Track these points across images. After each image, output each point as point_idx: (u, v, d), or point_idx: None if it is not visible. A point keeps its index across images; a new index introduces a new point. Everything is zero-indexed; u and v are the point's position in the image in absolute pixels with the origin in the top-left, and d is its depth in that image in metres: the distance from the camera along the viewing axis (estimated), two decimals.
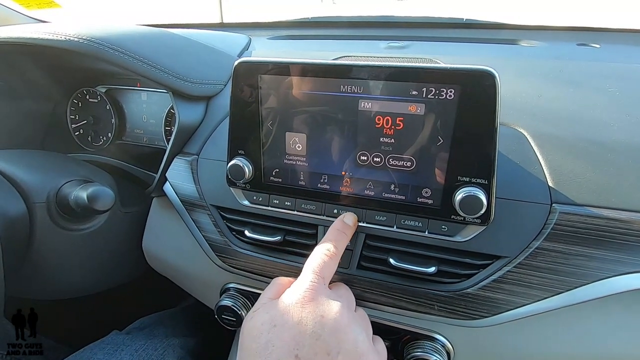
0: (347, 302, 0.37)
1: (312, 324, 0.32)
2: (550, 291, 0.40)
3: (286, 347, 0.31)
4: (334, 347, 0.32)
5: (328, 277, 0.38)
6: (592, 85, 0.54)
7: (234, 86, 0.44)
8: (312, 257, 0.39)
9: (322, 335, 0.32)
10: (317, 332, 0.32)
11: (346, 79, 0.40)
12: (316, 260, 0.38)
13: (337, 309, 0.34)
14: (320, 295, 0.35)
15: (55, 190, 0.53)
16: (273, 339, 0.32)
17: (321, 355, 0.31)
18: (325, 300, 0.34)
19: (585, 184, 0.41)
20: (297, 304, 0.34)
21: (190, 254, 0.57)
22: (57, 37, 0.51)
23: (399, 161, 0.41)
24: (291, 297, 0.35)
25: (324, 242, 0.40)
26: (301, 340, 0.31)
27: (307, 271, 0.37)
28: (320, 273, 0.37)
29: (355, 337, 0.33)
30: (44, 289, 0.59)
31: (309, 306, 0.33)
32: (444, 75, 0.36)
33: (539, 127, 0.46)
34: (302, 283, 0.36)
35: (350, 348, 0.32)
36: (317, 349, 0.31)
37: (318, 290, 0.35)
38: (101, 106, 0.76)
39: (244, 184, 0.47)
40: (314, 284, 0.35)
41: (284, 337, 0.32)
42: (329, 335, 0.32)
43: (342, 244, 0.41)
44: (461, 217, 0.39)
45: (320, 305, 0.34)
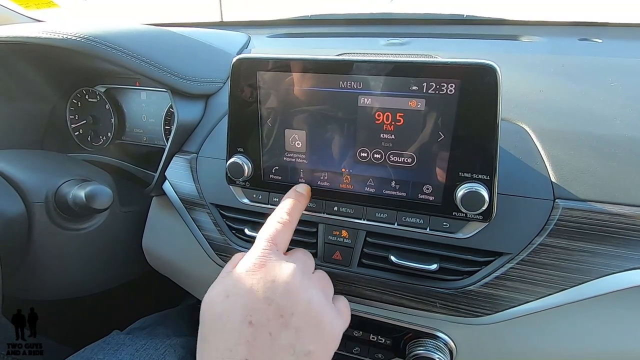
0: (302, 265, 0.36)
1: (264, 290, 0.32)
2: (554, 288, 0.40)
3: (239, 315, 0.31)
4: (287, 309, 0.32)
5: (281, 244, 0.37)
6: (595, 79, 0.53)
7: (233, 83, 0.44)
8: (265, 226, 0.38)
9: (274, 299, 0.32)
10: (269, 296, 0.32)
11: (345, 74, 0.39)
12: (268, 228, 0.38)
13: (289, 272, 0.34)
14: (272, 261, 0.35)
15: (54, 189, 0.53)
16: (227, 309, 0.32)
17: (275, 318, 0.31)
18: (277, 265, 0.34)
19: (588, 179, 0.40)
20: (248, 272, 0.34)
21: (190, 253, 0.56)
22: (55, 35, 0.50)
23: (400, 157, 0.40)
24: (243, 266, 0.35)
25: (276, 211, 0.40)
26: (254, 306, 0.32)
27: (259, 240, 0.37)
28: (272, 240, 0.36)
29: (309, 297, 0.34)
30: (43, 289, 0.59)
31: (260, 272, 0.34)
32: (444, 69, 0.36)
33: (541, 122, 0.46)
34: (253, 252, 0.36)
35: (304, 308, 0.33)
36: (269, 313, 0.31)
37: (269, 256, 0.35)
38: (100, 106, 0.75)
39: (244, 182, 0.47)
40: (265, 250, 0.35)
41: (237, 306, 0.32)
42: (281, 298, 0.32)
43: (296, 212, 0.40)
44: (463, 214, 0.39)
45: (271, 270, 0.34)
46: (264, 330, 0.31)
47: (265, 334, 0.31)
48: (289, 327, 0.32)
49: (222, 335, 0.31)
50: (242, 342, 0.30)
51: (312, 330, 0.33)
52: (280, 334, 0.31)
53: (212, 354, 0.30)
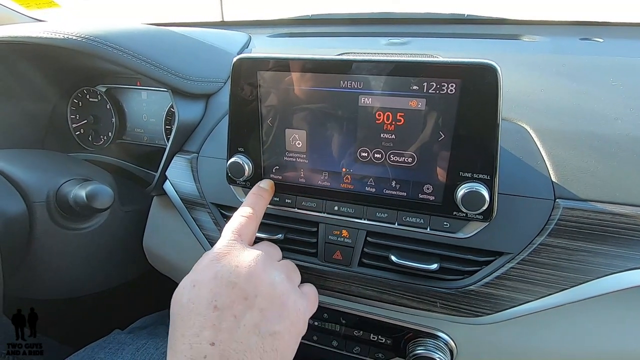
0: (266, 252, 0.37)
1: (228, 275, 0.33)
2: (554, 287, 0.39)
3: (205, 301, 0.32)
4: (251, 291, 0.33)
5: (246, 236, 0.39)
6: (595, 79, 0.53)
7: (233, 83, 0.44)
8: (231, 220, 0.40)
9: (238, 283, 0.33)
10: (232, 280, 0.33)
11: (346, 74, 0.39)
12: (234, 222, 0.39)
13: (253, 257, 0.35)
14: (236, 249, 0.36)
15: (55, 189, 0.53)
16: (192, 297, 0.32)
17: (239, 300, 0.32)
18: (241, 252, 0.36)
19: (589, 178, 0.40)
20: (212, 261, 0.35)
21: (190, 253, 0.56)
22: (56, 35, 0.50)
23: (400, 157, 0.40)
24: (208, 257, 0.35)
25: (242, 206, 0.41)
26: (218, 291, 0.32)
27: (224, 232, 0.38)
28: (237, 232, 0.38)
29: (272, 279, 0.35)
30: (45, 289, 0.59)
31: (224, 259, 0.35)
32: (444, 69, 0.36)
33: (542, 122, 0.46)
34: (219, 243, 0.37)
35: (267, 290, 0.33)
36: (233, 296, 0.32)
37: (234, 245, 0.36)
38: (101, 105, 0.75)
39: (244, 181, 0.47)
40: (230, 240, 0.37)
41: (203, 293, 0.32)
42: (244, 282, 0.33)
43: (260, 207, 0.42)
44: (463, 214, 0.39)
45: (235, 257, 0.35)
46: (228, 312, 0.31)
47: (230, 316, 0.31)
48: (254, 308, 0.32)
49: (189, 321, 0.31)
50: (208, 326, 0.30)
51: (277, 310, 0.33)
52: (245, 315, 0.32)
53: (179, 341, 0.31)
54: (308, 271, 0.48)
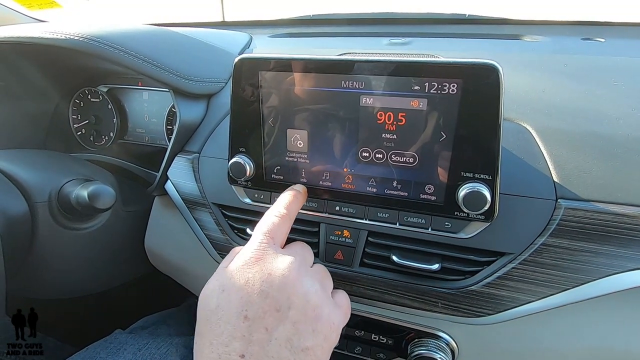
0: (299, 258, 0.35)
1: (260, 283, 0.32)
2: (556, 288, 0.39)
3: (235, 309, 0.30)
4: (284, 302, 0.31)
5: (279, 237, 0.37)
6: (597, 79, 0.53)
7: (235, 83, 0.44)
8: (262, 220, 0.38)
9: (270, 293, 0.31)
10: (264, 290, 0.31)
11: (347, 74, 0.39)
12: (266, 222, 0.37)
13: (286, 265, 0.33)
14: (269, 254, 0.34)
15: (57, 189, 0.53)
16: (222, 303, 0.31)
17: (271, 312, 0.31)
18: (274, 258, 0.34)
19: (591, 179, 0.40)
20: (244, 266, 0.33)
21: (192, 253, 0.56)
22: (58, 36, 0.50)
23: (401, 157, 0.40)
24: (239, 259, 0.34)
25: (274, 205, 0.39)
26: (249, 300, 0.31)
27: (256, 233, 0.36)
28: (269, 234, 0.36)
29: (306, 290, 0.33)
30: (46, 288, 0.59)
31: (256, 266, 0.33)
32: (446, 69, 0.36)
33: (544, 122, 0.46)
34: (250, 245, 0.35)
35: (301, 302, 0.32)
36: (265, 306, 0.31)
37: (266, 249, 0.34)
38: (103, 106, 0.75)
39: (246, 181, 0.47)
40: (262, 244, 0.35)
41: (233, 300, 0.31)
42: (277, 292, 0.31)
43: (294, 208, 0.40)
44: (465, 214, 0.39)
45: (267, 263, 0.33)
46: (260, 324, 0.30)
47: (262, 329, 0.30)
48: (286, 321, 0.31)
49: (217, 329, 0.30)
50: (238, 337, 0.29)
51: (310, 324, 0.32)
52: (277, 328, 0.30)
53: (207, 349, 0.30)
54: None
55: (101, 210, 0.54)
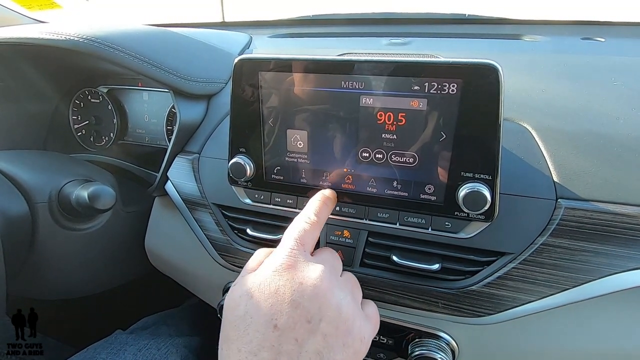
0: (330, 266, 0.34)
1: (290, 292, 0.31)
2: (556, 288, 0.39)
3: (264, 318, 0.30)
4: (315, 314, 0.30)
5: (309, 244, 0.36)
6: (597, 79, 0.53)
7: (234, 84, 0.44)
8: (292, 225, 0.37)
9: (302, 303, 0.30)
10: (295, 299, 0.30)
11: (347, 74, 0.39)
12: (296, 228, 0.36)
13: (317, 274, 0.32)
14: (299, 262, 0.33)
15: (57, 190, 0.53)
16: (250, 310, 0.30)
17: (301, 323, 0.30)
18: (305, 266, 0.33)
19: (591, 178, 0.40)
20: (274, 273, 0.32)
21: (192, 253, 0.56)
22: (58, 36, 0.51)
23: (402, 157, 0.40)
24: (269, 266, 0.33)
25: (304, 211, 0.38)
26: (279, 309, 0.30)
27: (286, 239, 0.35)
28: (300, 240, 0.35)
29: (338, 301, 0.32)
30: (47, 289, 0.59)
31: (287, 273, 0.32)
32: (446, 69, 0.36)
33: (543, 122, 0.46)
34: (280, 251, 0.34)
35: (333, 314, 0.31)
36: (296, 317, 0.30)
37: (297, 256, 0.33)
38: (103, 106, 0.75)
39: (246, 182, 0.47)
40: (293, 250, 0.34)
41: (262, 308, 0.30)
42: (308, 302, 0.30)
43: (323, 214, 0.39)
44: (465, 214, 0.39)
45: (299, 271, 0.32)
46: (290, 335, 0.29)
47: (292, 340, 0.29)
48: (317, 333, 0.30)
49: (245, 337, 0.29)
50: (267, 347, 0.29)
51: (341, 338, 0.31)
52: (308, 340, 0.29)
53: (235, 356, 0.29)
54: None
55: (101, 211, 0.54)
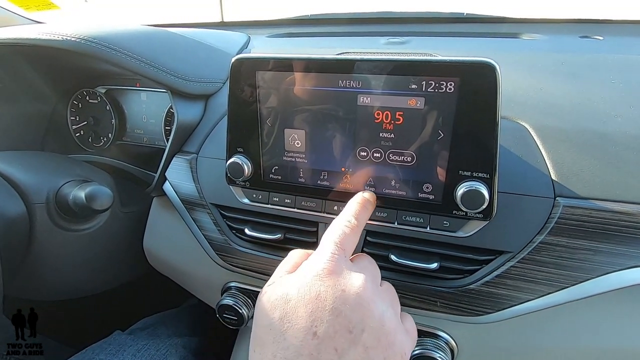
0: (371, 275, 0.33)
1: (332, 299, 0.29)
2: (555, 286, 0.39)
3: (303, 324, 0.28)
4: (357, 323, 0.29)
5: (349, 250, 0.34)
6: (595, 77, 0.53)
7: (232, 83, 0.43)
8: (332, 228, 0.35)
9: (343, 311, 0.29)
10: (337, 307, 0.29)
11: (345, 73, 0.39)
12: (336, 231, 0.34)
13: (361, 282, 0.30)
14: (341, 268, 0.31)
15: (55, 190, 0.53)
16: (288, 315, 0.29)
17: (342, 332, 0.28)
18: (347, 273, 0.31)
19: (590, 176, 0.40)
20: (315, 277, 0.30)
21: (190, 253, 0.56)
22: (55, 37, 0.50)
23: (399, 156, 0.40)
24: (309, 269, 0.31)
25: (343, 214, 0.36)
26: (320, 316, 0.28)
27: (326, 242, 0.33)
28: (341, 245, 0.33)
29: (381, 313, 0.30)
30: (45, 290, 0.59)
31: (329, 279, 0.30)
32: (443, 67, 0.36)
33: (542, 120, 0.46)
34: (321, 255, 0.32)
35: (375, 325, 0.29)
36: (337, 326, 0.28)
37: (339, 262, 0.31)
38: (101, 107, 0.75)
39: (244, 182, 0.47)
40: (335, 255, 0.32)
41: (301, 313, 0.29)
42: (350, 311, 0.29)
43: (363, 218, 0.37)
44: (463, 212, 0.39)
45: (341, 278, 0.30)
46: (329, 344, 0.28)
47: (331, 349, 0.28)
48: (358, 344, 0.28)
49: (282, 342, 0.28)
50: (305, 354, 0.27)
51: (382, 351, 0.29)
52: (348, 350, 0.28)
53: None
54: None
55: (99, 211, 0.54)
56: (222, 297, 0.54)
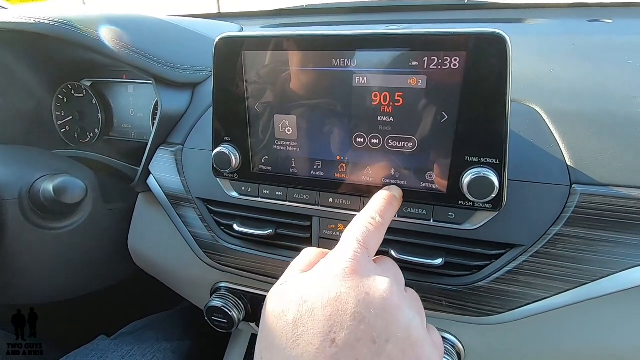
0: (395, 279, 0.30)
1: (355, 302, 0.26)
2: (572, 282, 0.36)
3: (320, 329, 0.25)
4: (382, 332, 0.26)
5: (373, 249, 0.31)
6: (608, 58, 0.50)
7: (216, 65, 0.41)
8: (354, 225, 0.32)
9: (367, 317, 0.26)
10: (360, 312, 0.26)
11: (338, 50, 0.36)
12: (359, 228, 0.31)
13: (386, 286, 0.28)
14: (365, 268, 0.28)
15: (28, 185, 0.49)
16: (303, 317, 0.26)
17: (365, 342, 0.25)
18: (371, 275, 0.28)
19: (609, 161, 0.37)
20: (336, 277, 0.27)
21: (177, 252, 0.54)
22: (26, 20, 0.47)
23: (399, 142, 0.37)
24: (328, 268, 0.28)
25: (367, 210, 0.33)
26: (339, 320, 0.25)
27: (348, 239, 0.30)
28: (364, 243, 0.30)
29: (408, 322, 0.27)
30: (21, 293, 0.56)
31: (351, 280, 0.27)
32: (447, 41, 0.33)
33: (553, 103, 0.42)
34: (343, 252, 0.29)
35: (401, 335, 0.26)
36: (359, 333, 0.25)
37: (361, 261, 0.29)
38: (87, 101, 0.73)
39: (231, 173, 0.44)
40: (357, 254, 0.29)
41: (318, 316, 0.26)
42: (375, 318, 0.26)
43: (389, 216, 0.34)
44: (470, 202, 0.36)
45: (364, 279, 0.27)
46: (349, 354, 0.25)
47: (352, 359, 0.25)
48: (382, 356, 0.25)
49: (295, 348, 0.25)
50: None
51: None
52: None
53: None
54: None
55: (71, 206, 0.50)
56: (211, 299, 0.51)
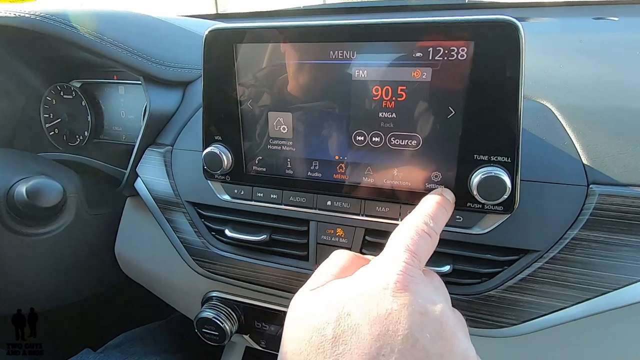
0: (445, 297, 0.27)
1: (408, 323, 0.23)
2: (592, 291, 0.34)
3: (366, 349, 0.22)
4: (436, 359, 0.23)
5: (423, 260, 0.28)
6: (619, 54, 0.49)
7: (206, 59, 0.39)
8: (403, 230, 0.28)
9: (421, 341, 0.23)
10: (413, 335, 0.23)
11: (336, 42, 0.34)
12: (408, 235, 0.27)
13: (441, 307, 0.25)
14: (418, 284, 0.25)
15: (6, 189, 0.47)
16: (346, 334, 0.23)
17: None
18: (425, 293, 0.25)
19: (629, 159, 0.35)
20: (385, 291, 0.24)
21: (166, 260, 0.51)
22: (7, 14, 0.45)
23: (403, 140, 0.35)
24: (375, 278, 0.25)
25: (418, 215, 0.30)
26: (389, 342, 0.23)
27: (396, 247, 0.27)
28: (415, 252, 0.26)
29: (465, 350, 0.24)
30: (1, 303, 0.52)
31: (403, 296, 0.24)
32: (454, 29, 0.31)
33: (566, 99, 0.40)
34: (390, 262, 0.26)
35: None
36: (410, 358, 0.22)
37: (414, 275, 0.25)
38: (76, 102, 0.70)
39: (223, 175, 0.42)
40: (409, 266, 0.25)
41: (364, 335, 0.23)
42: (430, 343, 0.23)
43: (442, 222, 0.31)
44: (479, 205, 0.33)
45: (418, 297, 0.24)
46: None
47: None
48: None
49: None
50: None
51: None
52: None
53: None
54: (298, 278, 0.42)
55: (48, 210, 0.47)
56: (202, 309, 0.48)
